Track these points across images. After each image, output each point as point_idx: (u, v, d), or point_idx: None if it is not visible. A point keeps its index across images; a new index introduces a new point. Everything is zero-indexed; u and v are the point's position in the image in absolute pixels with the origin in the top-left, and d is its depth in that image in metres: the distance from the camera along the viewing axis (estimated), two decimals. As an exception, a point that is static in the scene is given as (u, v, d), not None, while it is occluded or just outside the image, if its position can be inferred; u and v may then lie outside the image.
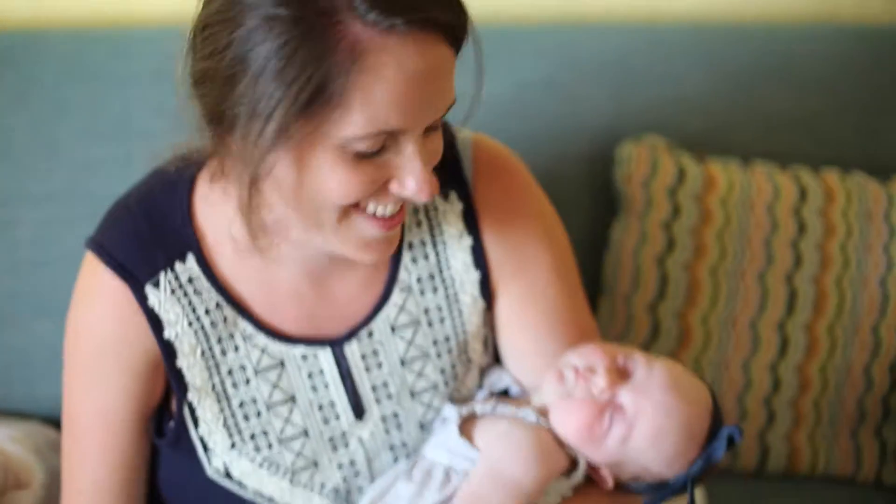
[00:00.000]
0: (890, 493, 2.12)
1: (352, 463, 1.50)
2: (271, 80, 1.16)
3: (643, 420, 1.42)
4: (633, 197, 2.06)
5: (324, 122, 1.19)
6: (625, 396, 1.42)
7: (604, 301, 2.10)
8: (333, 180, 1.23)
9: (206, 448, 1.46)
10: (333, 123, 1.19)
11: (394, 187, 1.27)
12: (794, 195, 2.08)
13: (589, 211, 2.13)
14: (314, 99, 1.16)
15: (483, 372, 1.56)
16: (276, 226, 1.36)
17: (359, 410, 1.49)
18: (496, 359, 1.59)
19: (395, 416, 1.51)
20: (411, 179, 1.26)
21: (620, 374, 1.44)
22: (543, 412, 1.46)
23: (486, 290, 1.52)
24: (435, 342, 1.51)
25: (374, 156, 1.24)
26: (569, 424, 1.43)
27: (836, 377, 2.09)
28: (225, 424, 1.46)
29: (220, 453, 1.46)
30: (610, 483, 1.46)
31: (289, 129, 1.18)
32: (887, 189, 2.11)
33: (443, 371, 1.51)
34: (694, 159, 2.09)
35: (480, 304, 1.52)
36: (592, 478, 1.48)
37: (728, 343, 2.07)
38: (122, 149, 1.94)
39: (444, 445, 1.46)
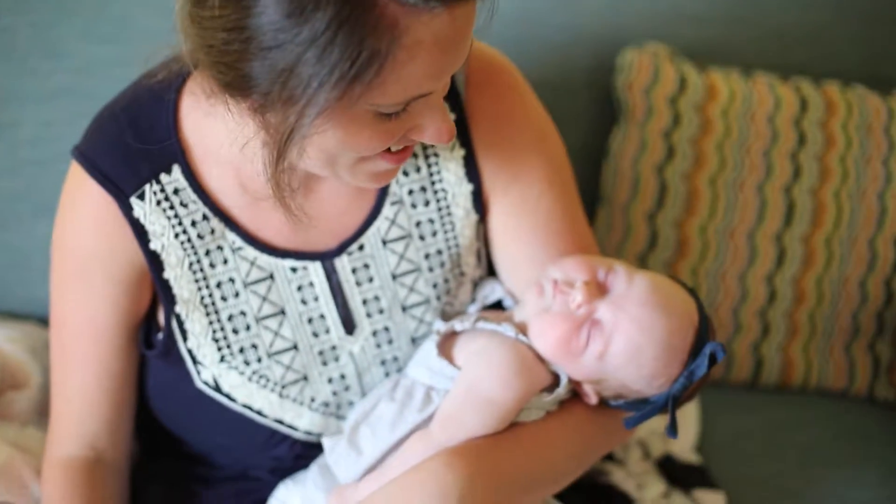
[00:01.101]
0: (881, 408, 2.13)
1: (342, 377, 1.49)
2: (312, 64, 1.12)
3: (620, 335, 1.38)
4: (634, 105, 2.05)
5: (361, 96, 1.17)
6: (602, 311, 1.38)
7: (602, 211, 2.10)
8: (362, 138, 1.22)
9: (195, 361, 1.46)
10: (369, 95, 1.17)
11: (413, 134, 1.27)
12: (795, 107, 2.07)
13: (589, 120, 2.12)
14: (355, 79, 1.14)
15: (476, 285, 1.55)
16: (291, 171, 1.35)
17: (349, 325, 1.48)
18: (490, 272, 1.57)
19: (387, 330, 1.50)
20: (432, 129, 1.25)
21: (599, 289, 1.40)
22: (523, 327, 1.43)
23: (479, 202, 1.50)
24: (427, 256, 1.49)
25: (401, 113, 1.23)
26: (545, 339, 1.40)
27: (832, 290, 2.09)
28: (214, 337, 1.45)
29: (209, 366, 1.46)
30: (594, 399, 1.44)
31: (325, 108, 1.16)
32: (888, 102, 2.10)
33: (435, 285, 1.50)
34: (696, 68, 2.08)
35: (473, 216, 1.50)
36: (578, 392, 1.45)
37: (725, 254, 2.07)
38: (123, 49, 1.92)
39: (424, 364, 1.45)
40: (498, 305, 1.55)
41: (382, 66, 1.14)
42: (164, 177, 1.40)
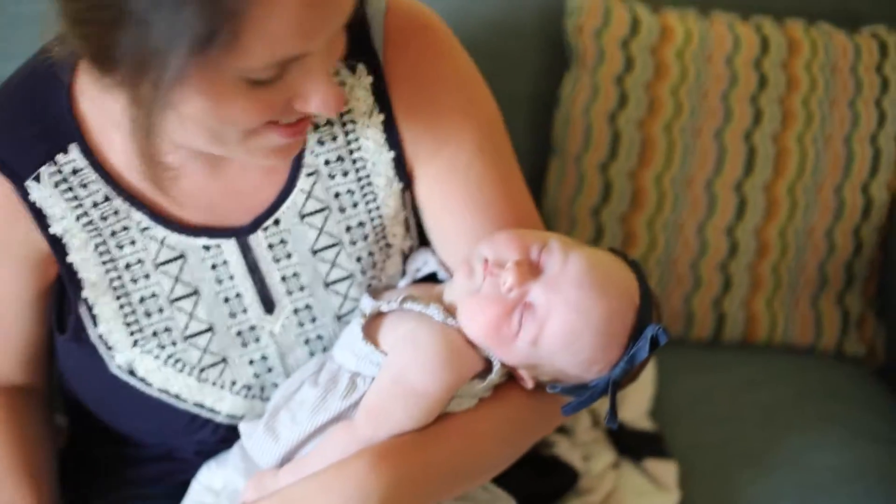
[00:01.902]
0: (850, 365, 2.04)
1: (263, 358, 1.43)
2: (163, 29, 1.04)
3: (554, 320, 1.27)
4: (584, 50, 1.94)
5: (222, 60, 1.07)
6: (535, 294, 1.28)
7: (553, 161, 2.00)
8: (235, 108, 1.13)
9: (107, 346, 1.40)
10: (232, 59, 1.08)
11: (298, 104, 1.17)
12: (755, 47, 1.96)
13: (539, 66, 2.01)
14: (209, 41, 1.04)
15: (407, 257, 1.46)
16: (174, 147, 1.27)
17: (268, 303, 1.41)
18: (424, 242, 1.48)
19: (308, 308, 1.42)
20: (316, 98, 1.16)
21: (532, 269, 1.29)
22: (453, 309, 1.33)
23: (402, 169, 1.41)
24: (348, 229, 1.41)
25: (276, 80, 1.13)
26: (474, 324, 1.30)
27: (797, 241, 2.00)
28: (125, 322, 1.39)
29: (122, 351, 1.40)
30: (530, 384, 1.35)
31: (185, 74, 1.07)
32: (855, 40, 1.99)
33: (359, 259, 1.42)
34: (649, 9, 1.96)
35: (397, 185, 1.41)
36: (514, 376, 1.36)
37: (683, 205, 1.97)
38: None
39: (349, 348, 1.36)
40: (433, 277, 1.45)
41: (238, 24, 1.04)
42: (60, 157, 1.33)
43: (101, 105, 1.30)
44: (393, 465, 1.27)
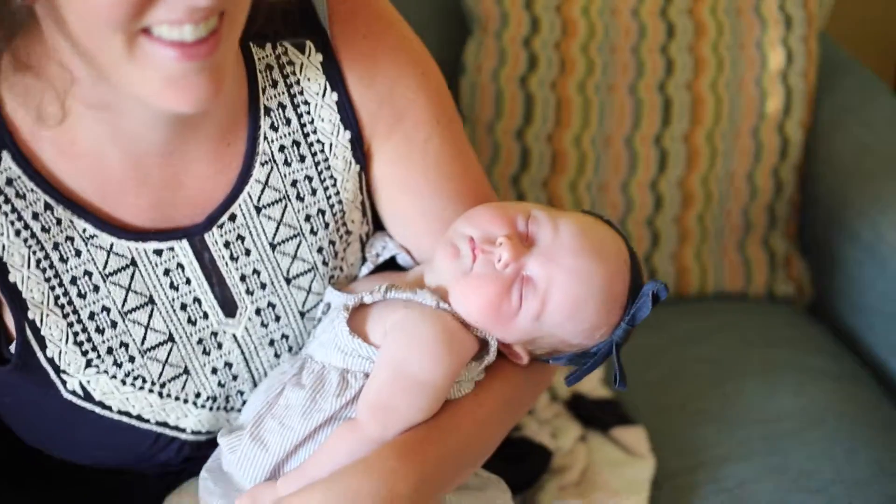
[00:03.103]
0: (782, 305, 2.04)
1: (227, 366, 1.33)
2: None
3: (557, 291, 1.22)
4: (486, 13, 1.88)
5: None
6: (532, 266, 1.23)
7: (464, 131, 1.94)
8: None
9: (58, 371, 1.27)
10: None
11: None
12: (660, -4, 1.92)
13: (439, 32, 1.95)
14: None
15: (364, 244, 1.38)
16: (58, 82, 1.14)
17: (229, 306, 1.32)
18: (377, 226, 1.40)
19: (272, 306, 1.33)
20: None
21: (524, 241, 1.24)
22: (441, 292, 1.27)
23: (360, 150, 1.33)
24: (308, 218, 1.32)
25: None
26: (472, 305, 1.24)
27: (719, 188, 1.98)
28: (76, 341, 1.26)
29: (74, 374, 1.27)
30: (525, 359, 1.30)
31: None
32: (756, -20, 1.97)
33: (320, 250, 1.33)
34: (548, -34, 1.91)
35: (355, 167, 1.33)
36: (505, 354, 1.30)
37: (604, 164, 1.93)
38: None
39: (334, 345, 1.27)
40: (392, 263, 1.38)
41: None
42: None
43: (27, 105, 1.18)
44: (418, 461, 1.21)
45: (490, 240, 1.24)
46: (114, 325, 1.27)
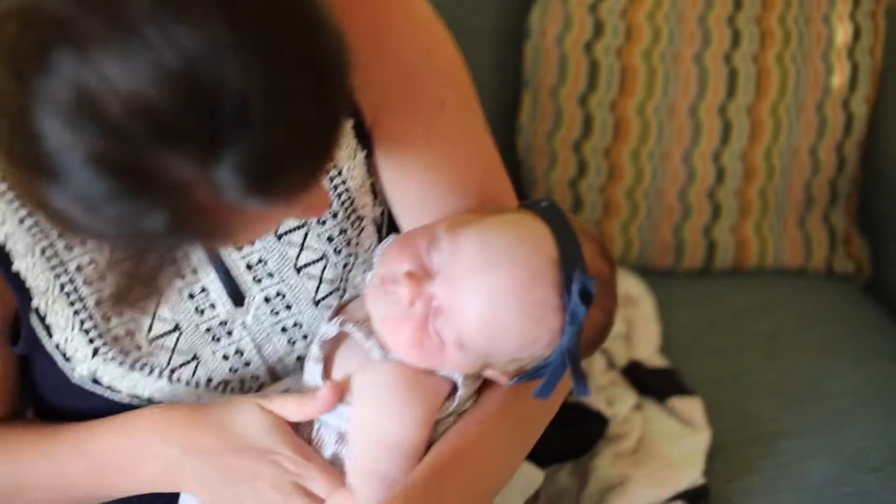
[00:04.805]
0: (840, 282, 2.02)
1: (238, 353, 1.31)
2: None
3: (463, 316, 1.14)
4: (554, -22, 1.87)
5: None
6: (438, 296, 1.14)
7: (527, 97, 1.93)
8: None
9: (65, 357, 1.26)
10: None
11: None
12: (730, -34, 1.90)
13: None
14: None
15: (380, 225, 1.33)
16: None
17: (237, 296, 1.30)
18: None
19: (281, 295, 1.30)
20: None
21: (426, 272, 1.15)
22: None
23: (364, 135, 1.28)
24: None
25: None
26: (398, 349, 1.17)
27: (782, 162, 1.95)
28: (82, 329, 1.25)
29: (82, 360, 1.27)
30: (503, 380, 1.21)
31: None
32: (828, -47, 1.94)
33: (330, 238, 1.30)
34: (619, -68, 1.89)
35: (360, 153, 1.29)
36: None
37: (667, 133, 1.91)
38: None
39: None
40: None
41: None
42: None
43: None
44: None
45: (395, 278, 1.16)
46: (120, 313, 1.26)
